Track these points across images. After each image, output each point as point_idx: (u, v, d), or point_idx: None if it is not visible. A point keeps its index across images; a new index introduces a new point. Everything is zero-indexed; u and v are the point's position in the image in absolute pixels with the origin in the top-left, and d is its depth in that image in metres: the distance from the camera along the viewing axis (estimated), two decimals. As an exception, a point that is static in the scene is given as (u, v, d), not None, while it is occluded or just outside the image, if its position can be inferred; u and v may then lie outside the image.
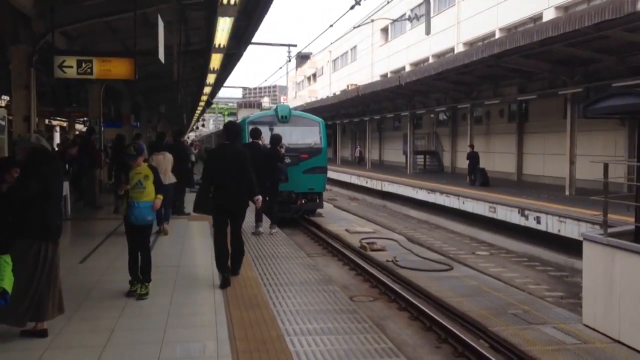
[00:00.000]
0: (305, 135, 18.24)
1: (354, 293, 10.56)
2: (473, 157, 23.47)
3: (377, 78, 42.10)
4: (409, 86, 24.68)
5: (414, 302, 9.49)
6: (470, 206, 18.38)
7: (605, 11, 11.95)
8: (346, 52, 57.12)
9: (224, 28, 9.49)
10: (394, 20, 39.37)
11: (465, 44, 31.67)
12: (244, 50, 16.58)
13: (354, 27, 37.31)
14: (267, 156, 10.11)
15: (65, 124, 34.05)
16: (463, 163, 29.82)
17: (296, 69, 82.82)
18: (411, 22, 29.13)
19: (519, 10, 26.28)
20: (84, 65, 9.68)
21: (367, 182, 29.64)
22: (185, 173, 12.83)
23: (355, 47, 53.54)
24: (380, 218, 21.89)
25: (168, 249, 9.27)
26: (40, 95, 23.34)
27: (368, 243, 14.74)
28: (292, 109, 19.42)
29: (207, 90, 17.84)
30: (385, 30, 46.13)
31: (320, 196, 18.75)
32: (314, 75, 73.93)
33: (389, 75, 40.92)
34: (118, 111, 23.43)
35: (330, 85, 61.80)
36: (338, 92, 50.97)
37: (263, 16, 12.67)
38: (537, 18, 24.89)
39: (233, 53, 16.78)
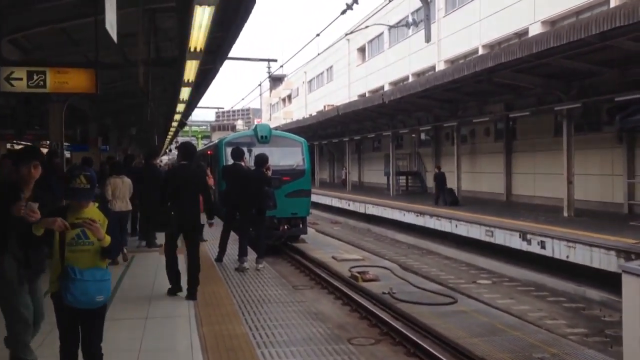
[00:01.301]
0: (287, 156, 17.01)
1: (352, 334, 9.24)
2: (440, 178, 23.83)
3: (354, 98, 41.10)
4: (392, 104, 23.63)
5: (424, 345, 8.20)
6: (464, 230, 17.25)
7: (616, 17, 10.99)
8: (322, 73, 56.23)
9: (201, 24, 8.19)
10: (374, 38, 38.52)
11: (446, 61, 30.85)
12: (220, 66, 15.27)
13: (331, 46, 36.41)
14: (251, 179, 8.80)
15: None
16: (448, 184, 28.87)
17: (270, 91, 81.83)
18: (409, 28, 27.79)
19: (503, 26, 25.54)
20: (35, 77, 8.32)
21: (349, 204, 28.42)
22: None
23: (331, 67, 52.68)
24: (367, 243, 20.64)
25: (131, 305, 6.83)
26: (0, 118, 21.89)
27: (359, 272, 13.50)
28: (272, 129, 18.22)
29: (180, 108, 16.48)
30: (362, 49, 45.35)
31: (304, 221, 17.48)
32: (289, 96, 72.92)
33: (367, 95, 40.00)
34: (84, 133, 21.92)
35: (306, 107, 60.76)
36: (314, 114, 49.94)
37: (242, 26, 11.46)
38: (522, 33, 24.12)
39: (209, 68, 15.52)
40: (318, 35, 19.31)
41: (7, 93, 13.69)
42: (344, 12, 17.49)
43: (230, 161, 12.78)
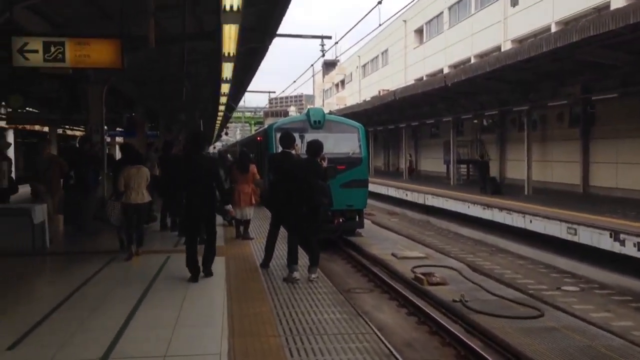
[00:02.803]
0: (343, 143, 15.53)
1: (423, 355, 7.71)
2: (483, 166, 24.23)
3: (410, 82, 39.17)
4: (454, 87, 21.78)
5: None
6: (540, 226, 15.36)
7: None
8: (376, 57, 54.27)
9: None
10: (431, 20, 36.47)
11: (514, 41, 28.57)
12: (269, 43, 13.94)
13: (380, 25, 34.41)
14: (302, 171, 7.32)
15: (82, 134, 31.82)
16: (513, 173, 26.84)
17: (323, 76, 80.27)
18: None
19: (579, 1, 23.19)
20: (52, 49, 7.12)
21: (407, 194, 26.69)
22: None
23: (386, 50, 50.68)
24: (428, 238, 18.97)
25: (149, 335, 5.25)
26: (46, 101, 21.20)
27: (424, 274, 11.90)
28: (326, 113, 16.76)
29: (224, 88, 15.22)
30: (419, 31, 43.19)
31: (360, 214, 16.03)
32: (342, 82, 71.22)
33: (424, 79, 37.99)
34: (130, 119, 20.99)
35: (360, 92, 58.97)
36: (368, 99, 48.19)
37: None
38: (602, 8, 21.78)
39: (257, 47, 14.16)
40: (380, 2, 17.46)
41: (41, 73, 12.76)
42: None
43: (280, 148, 11.41)
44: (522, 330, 8.51)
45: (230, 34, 7.56)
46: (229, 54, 8.82)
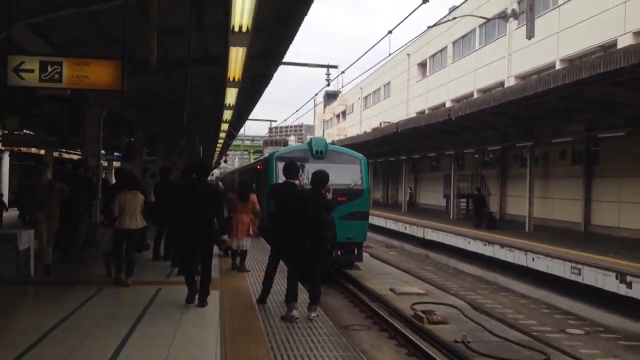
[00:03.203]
0: (344, 174, 15.25)
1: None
2: (479, 200, 24.46)
3: (412, 115, 39.15)
4: (457, 121, 21.64)
5: None
6: (543, 265, 15.05)
7: None
8: (379, 89, 54.42)
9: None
10: (434, 54, 36.57)
11: (517, 77, 28.56)
12: (275, 70, 13.81)
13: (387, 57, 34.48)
14: (306, 203, 6.97)
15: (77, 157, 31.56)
16: (513, 209, 26.58)
17: (324, 107, 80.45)
18: (507, 20, 23.97)
19: (584, 39, 23.16)
20: (49, 69, 6.86)
21: (405, 228, 26.37)
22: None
23: (389, 83, 50.84)
24: (427, 273, 18.59)
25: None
26: (43, 124, 20.98)
27: (424, 312, 11.52)
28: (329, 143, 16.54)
29: (227, 115, 15.03)
30: (423, 64, 43.35)
31: (359, 247, 15.69)
32: (344, 112, 71.37)
33: (426, 112, 37.98)
34: (130, 144, 20.79)
35: (361, 124, 59.02)
36: (369, 130, 48.13)
37: (300, 20, 9.86)
38: (608, 46, 21.77)
39: (262, 74, 14.02)
40: (390, 32, 17.35)
41: (41, 95, 12.53)
42: (424, 1, 15.48)
43: (282, 178, 11.11)
44: (528, 377, 8.15)
45: (237, 57, 7.35)
46: (233, 78, 8.59)
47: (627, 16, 20.60)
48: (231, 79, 8.64)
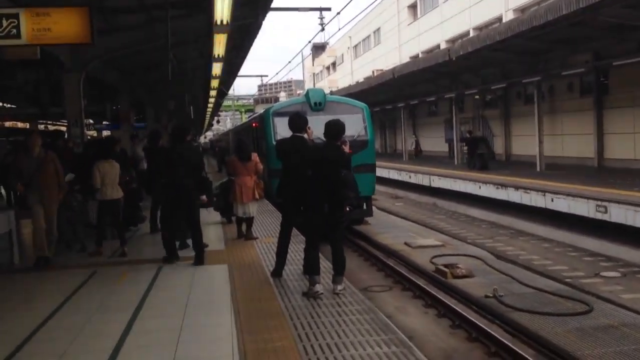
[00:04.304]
0: (347, 125, 14.08)
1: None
2: (472, 142, 24.49)
3: (405, 61, 37.81)
4: (458, 62, 20.49)
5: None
6: (564, 205, 14.20)
7: None
8: (368, 36, 52.74)
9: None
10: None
11: (516, 10, 27.23)
12: (263, 19, 12.62)
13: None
14: (323, 160, 5.97)
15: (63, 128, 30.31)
16: (520, 149, 25.68)
17: (312, 60, 78.62)
18: None
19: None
20: (4, 23, 5.75)
21: (410, 177, 25.49)
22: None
23: (378, 29, 49.16)
24: (439, 222, 17.81)
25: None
26: (22, 94, 19.78)
27: (446, 265, 10.72)
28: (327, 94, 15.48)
29: (216, 69, 13.88)
30: (413, 6, 41.69)
31: (368, 201, 14.80)
32: (333, 64, 69.67)
33: (420, 57, 36.64)
34: (114, 110, 19.64)
35: (352, 74, 57.52)
36: (361, 80, 46.79)
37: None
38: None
39: (250, 23, 12.83)
40: None
41: (11, 62, 11.35)
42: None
43: (284, 134, 10.13)
44: (574, 331, 7.35)
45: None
46: (222, 21, 7.45)
47: None
48: (219, 22, 7.50)
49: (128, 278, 6.98)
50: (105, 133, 25.33)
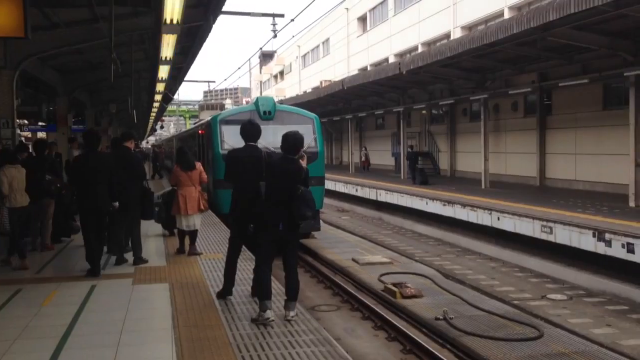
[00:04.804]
0: (296, 135, 13.86)
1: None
2: (412, 157, 24.93)
3: (354, 72, 37.87)
4: (408, 76, 20.52)
5: None
6: (510, 224, 14.26)
7: None
8: (317, 46, 52.67)
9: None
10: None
11: (464, 27, 27.60)
12: (214, 22, 12.08)
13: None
14: (279, 174, 5.49)
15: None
16: (464, 165, 25.97)
17: (260, 68, 78.02)
18: None
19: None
20: None
21: (357, 190, 25.34)
22: (136, 194, 8.26)
23: (327, 39, 49.16)
24: (386, 238, 17.65)
25: None
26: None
27: (394, 285, 10.46)
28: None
29: (163, 72, 13.26)
30: (362, 18, 41.85)
31: (317, 215, 14.43)
32: (281, 73, 69.29)
33: (368, 69, 36.76)
34: (52, 112, 18.61)
35: (300, 83, 57.32)
36: (309, 90, 46.61)
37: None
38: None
39: (199, 26, 12.29)
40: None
41: None
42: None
43: (231, 143, 9.72)
44: (526, 358, 7.19)
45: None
46: (171, 21, 6.91)
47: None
48: (168, 21, 6.96)
49: (57, 297, 6.33)
50: (41, 135, 24.13)
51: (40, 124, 24.03)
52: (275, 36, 21.61)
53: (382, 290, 10.43)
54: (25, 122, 24.34)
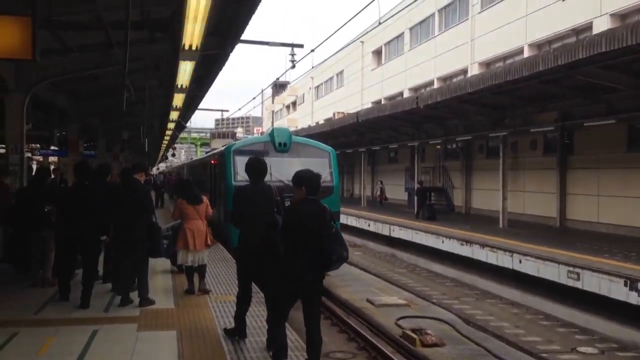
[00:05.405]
0: (312, 169, 13.37)
1: None
2: (422, 193, 24.30)
3: (367, 105, 37.65)
4: (424, 110, 20.14)
5: None
6: (533, 268, 13.62)
7: None
8: (331, 78, 52.67)
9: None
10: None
11: (481, 64, 27.31)
12: (231, 50, 11.77)
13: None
14: (304, 218, 5.04)
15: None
16: (480, 203, 25.39)
17: (272, 98, 78.22)
18: None
19: (555, 22, 21.92)
20: None
21: (369, 225, 24.76)
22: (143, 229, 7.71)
23: (342, 72, 49.13)
24: (401, 277, 17.01)
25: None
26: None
27: (414, 330, 9.85)
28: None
29: (177, 101, 12.89)
30: (378, 52, 41.79)
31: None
32: (294, 103, 69.36)
33: (382, 102, 36.51)
34: (61, 136, 18.32)
35: (313, 114, 57.21)
36: (321, 121, 46.41)
37: None
38: (581, 29, 20.67)
39: (216, 54, 11.96)
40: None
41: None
42: None
43: (240, 175, 9.45)
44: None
45: (196, 14, 5.31)
46: (190, 47, 6.49)
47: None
48: (187, 47, 6.54)
49: (54, 345, 5.75)
50: (52, 159, 23.86)
51: (52, 148, 23.81)
52: (293, 66, 21.24)
53: (400, 336, 9.82)
54: (38, 145, 24.09)
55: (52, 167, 21.80)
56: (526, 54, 22.82)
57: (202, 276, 8.73)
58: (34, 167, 18.82)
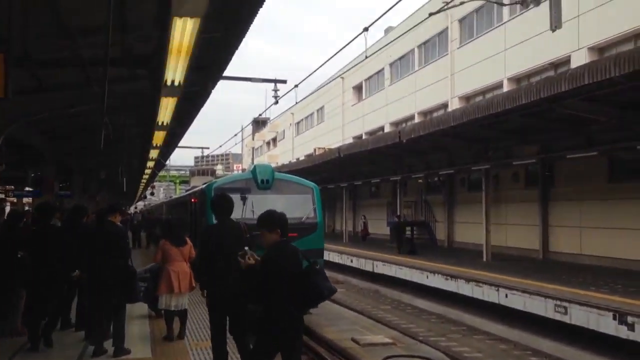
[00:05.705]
0: (295, 206, 13.22)
1: None
2: (398, 227, 24.61)
3: (348, 140, 37.70)
4: (407, 144, 20.12)
5: None
6: (519, 302, 13.45)
7: None
8: (311, 114, 52.85)
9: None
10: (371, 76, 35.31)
11: (461, 97, 27.55)
12: (213, 87, 11.69)
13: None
14: (285, 264, 4.81)
15: None
16: (462, 236, 25.30)
17: (253, 135, 78.25)
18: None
19: (535, 56, 22.19)
20: None
21: (352, 260, 24.47)
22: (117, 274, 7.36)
23: (322, 107, 49.35)
24: (386, 314, 16.68)
25: None
26: None
27: (401, 372, 9.56)
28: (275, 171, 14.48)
29: (158, 138, 12.67)
30: (358, 87, 42.10)
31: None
32: (274, 139, 69.39)
33: (363, 137, 36.60)
34: (39, 177, 17.92)
35: (293, 150, 57.20)
36: (302, 157, 46.39)
37: (248, 23, 7.85)
38: (559, 63, 20.97)
39: (196, 91, 11.83)
40: (366, 29, 14.88)
41: None
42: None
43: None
44: None
45: (182, 44, 5.12)
46: (172, 83, 6.29)
47: (580, 31, 19.75)
48: (169, 83, 6.35)
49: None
50: (27, 200, 23.34)
51: (27, 189, 23.34)
52: (276, 102, 21.18)
53: (389, 378, 9.53)
54: (12, 187, 23.62)
55: (27, 208, 21.35)
56: (505, 87, 23.05)
57: (183, 321, 8.42)
58: (6, 209, 18.39)
